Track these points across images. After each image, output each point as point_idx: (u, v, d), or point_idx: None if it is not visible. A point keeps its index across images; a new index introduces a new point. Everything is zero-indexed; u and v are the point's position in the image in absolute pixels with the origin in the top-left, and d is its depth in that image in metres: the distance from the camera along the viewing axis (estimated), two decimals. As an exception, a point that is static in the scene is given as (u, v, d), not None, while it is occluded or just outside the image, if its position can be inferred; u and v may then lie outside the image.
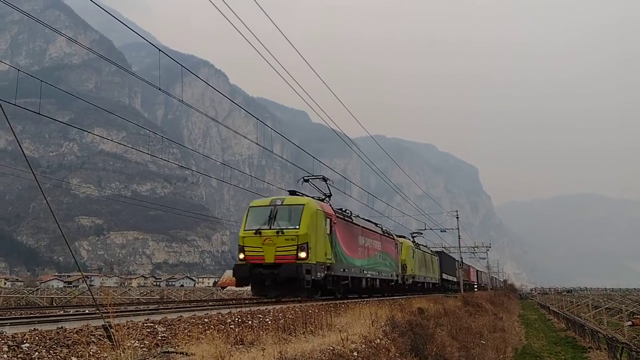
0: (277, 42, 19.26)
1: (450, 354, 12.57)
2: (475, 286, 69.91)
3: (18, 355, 5.42)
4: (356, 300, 20.36)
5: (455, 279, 53.99)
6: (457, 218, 48.30)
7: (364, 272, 22.32)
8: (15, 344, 5.74)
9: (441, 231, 49.68)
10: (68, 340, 6.33)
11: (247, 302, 17.33)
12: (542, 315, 48.67)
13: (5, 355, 5.30)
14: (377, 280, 24.74)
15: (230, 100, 28.77)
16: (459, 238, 49.51)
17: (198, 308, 12.51)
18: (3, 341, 5.77)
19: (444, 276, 48.29)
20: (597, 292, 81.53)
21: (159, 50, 13.57)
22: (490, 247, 67.88)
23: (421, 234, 43.18)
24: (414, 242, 37.79)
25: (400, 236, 34.15)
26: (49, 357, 5.62)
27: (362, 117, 37.79)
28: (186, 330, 8.12)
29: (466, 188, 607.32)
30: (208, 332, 8.12)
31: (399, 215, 45.86)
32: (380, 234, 26.76)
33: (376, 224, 27.72)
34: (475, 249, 64.62)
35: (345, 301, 19.25)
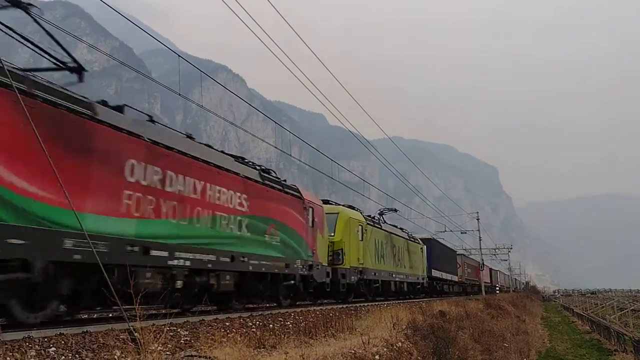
0: (293, 45, 19.35)
1: (473, 357, 12.46)
2: (498, 288, 69.07)
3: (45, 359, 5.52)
4: (377, 304, 20.29)
5: (456, 278, 44.03)
6: (478, 220, 47.83)
7: (161, 252, 9.88)
8: (42, 348, 5.85)
9: (461, 233, 49.21)
10: (93, 344, 6.42)
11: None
12: (565, 318, 47.93)
13: None
14: (227, 276, 12.14)
15: (248, 104, 28.96)
16: (480, 240, 48.99)
17: (219, 311, 12.58)
18: (30, 345, 5.88)
19: (435, 273, 36.30)
20: (622, 294, 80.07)
21: (179, 55, 13.73)
22: (511, 248, 67.14)
23: (396, 210, 30.88)
24: (372, 218, 25.42)
25: (343, 206, 22.37)
26: (75, 361, 5.71)
27: (380, 118, 37.70)
28: (208, 334, 8.18)
29: (486, 189, 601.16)
30: (230, 335, 8.17)
31: (418, 217, 45.58)
32: (243, 178, 13.25)
33: (254, 165, 14.89)
34: (497, 250, 63.96)
35: (365, 304, 19.19)
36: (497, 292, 64.37)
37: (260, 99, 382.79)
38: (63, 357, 5.72)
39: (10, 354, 5.43)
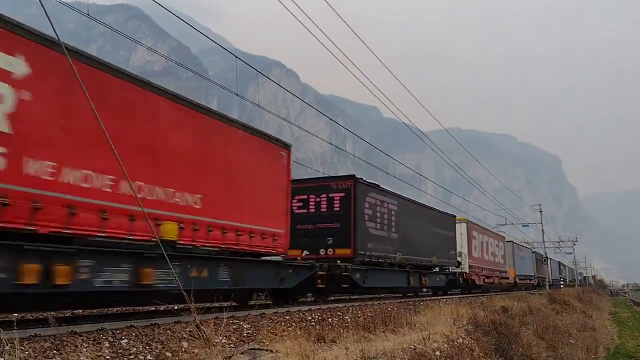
0: (346, 38, 19.31)
1: (537, 354, 12.10)
2: (562, 282, 66.55)
3: (118, 351, 5.81)
4: (435, 298, 20.10)
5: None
6: (541, 212, 46.22)
7: None
8: (115, 339, 6.16)
9: (523, 226, 47.65)
10: (161, 336, 6.70)
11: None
12: (635, 313, 45.61)
13: (107, 350, 5.70)
14: None
15: (302, 100, 29.23)
16: (543, 232, 47.32)
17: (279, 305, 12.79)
18: (104, 337, 6.21)
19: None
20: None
21: (235, 56, 14.03)
22: (576, 241, 64.58)
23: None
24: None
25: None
26: (145, 353, 5.98)
27: (435, 109, 37.07)
28: (269, 328, 8.36)
29: (548, 179, 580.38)
30: (290, 329, 8.31)
31: (477, 210, 44.51)
32: None
33: None
34: (561, 243, 61.70)
35: (424, 299, 19.05)
36: (562, 286, 62.12)
37: (313, 93, 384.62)
38: (134, 348, 6.01)
39: (86, 345, 5.75)
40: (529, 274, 49.45)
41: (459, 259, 27.38)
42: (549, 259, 52.45)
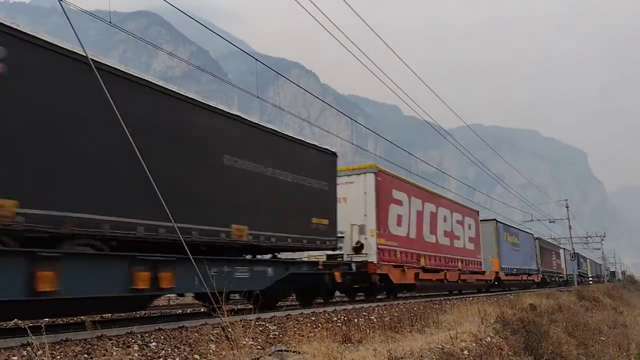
0: (364, 36, 19.25)
1: (568, 352, 11.87)
2: (590, 279, 65.32)
3: (147, 354, 5.87)
4: (462, 297, 19.91)
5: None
6: (567, 207, 45.41)
7: None
8: (144, 343, 6.22)
9: (550, 222, 46.82)
10: (189, 339, 6.75)
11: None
12: (669, 309, 44.52)
13: (136, 354, 5.76)
14: None
15: (322, 101, 29.19)
16: (570, 228, 46.47)
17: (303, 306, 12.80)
18: (133, 340, 6.28)
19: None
20: None
21: (255, 59, 14.09)
22: (604, 236, 63.44)
23: None
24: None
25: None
26: (174, 355, 6.03)
27: (456, 106, 36.70)
28: (295, 329, 8.35)
29: (574, 174, 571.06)
30: (316, 330, 8.30)
31: (501, 207, 43.88)
32: None
33: None
34: (589, 239, 60.66)
35: (450, 298, 18.86)
36: (590, 282, 60.99)
37: (333, 93, 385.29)
38: (163, 351, 6.06)
39: (116, 348, 5.82)
40: (528, 267, 38.12)
41: (360, 238, 15.98)
42: (564, 251, 50.82)
